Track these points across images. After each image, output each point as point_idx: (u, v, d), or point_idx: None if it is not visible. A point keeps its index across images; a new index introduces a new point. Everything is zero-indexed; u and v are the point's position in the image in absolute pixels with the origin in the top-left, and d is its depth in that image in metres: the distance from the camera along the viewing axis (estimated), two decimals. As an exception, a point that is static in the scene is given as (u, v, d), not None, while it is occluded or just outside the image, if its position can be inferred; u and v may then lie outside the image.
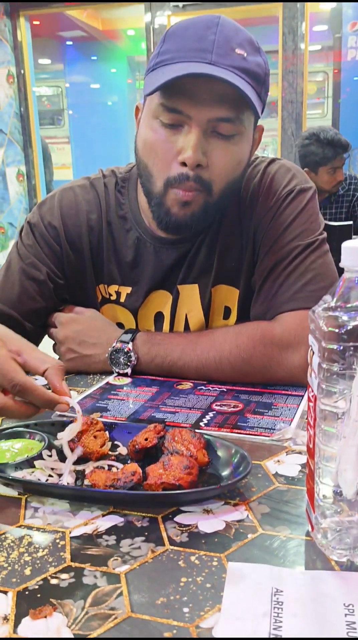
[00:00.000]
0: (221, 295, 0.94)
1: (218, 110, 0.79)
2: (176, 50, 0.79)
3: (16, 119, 4.46)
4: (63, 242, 0.94)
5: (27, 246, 0.94)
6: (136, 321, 0.96)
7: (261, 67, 0.82)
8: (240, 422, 0.70)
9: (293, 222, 0.88)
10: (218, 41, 0.77)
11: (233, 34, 0.79)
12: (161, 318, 0.96)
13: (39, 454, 0.60)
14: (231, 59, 0.77)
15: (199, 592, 0.43)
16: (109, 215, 0.96)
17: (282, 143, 4.04)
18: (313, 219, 0.89)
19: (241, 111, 0.80)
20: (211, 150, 0.81)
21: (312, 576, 0.45)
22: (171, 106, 0.80)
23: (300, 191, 0.89)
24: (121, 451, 0.63)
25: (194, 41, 0.78)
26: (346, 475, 0.46)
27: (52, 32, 5.82)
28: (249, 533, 0.50)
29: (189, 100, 0.78)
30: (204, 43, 0.77)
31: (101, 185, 0.97)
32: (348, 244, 0.43)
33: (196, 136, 0.79)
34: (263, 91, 0.83)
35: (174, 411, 0.75)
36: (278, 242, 0.88)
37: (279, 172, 0.91)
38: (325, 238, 0.90)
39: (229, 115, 0.79)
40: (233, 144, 0.82)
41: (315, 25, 4.98)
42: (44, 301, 0.94)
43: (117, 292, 0.96)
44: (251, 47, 0.81)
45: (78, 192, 0.96)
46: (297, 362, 0.80)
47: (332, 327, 0.43)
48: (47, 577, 0.45)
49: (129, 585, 0.44)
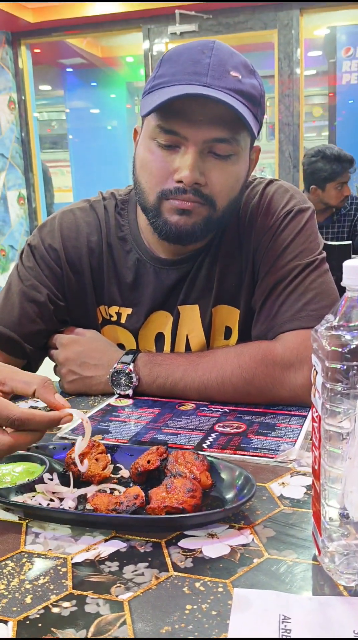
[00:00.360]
0: (222, 316, 0.94)
1: (214, 131, 0.80)
2: (171, 74, 0.80)
3: (17, 144, 4.52)
4: (63, 264, 0.94)
5: (28, 268, 0.95)
6: (137, 342, 0.96)
7: (256, 89, 0.83)
8: (243, 444, 0.70)
9: (293, 242, 0.88)
10: (212, 64, 0.79)
11: (228, 58, 0.81)
12: (162, 339, 0.96)
13: (40, 477, 0.59)
14: (226, 81, 0.79)
15: (204, 619, 0.42)
16: (109, 237, 0.96)
17: (280, 164, 4.09)
18: (312, 239, 0.90)
19: (237, 132, 0.81)
20: (208, 170, 0.82)
21: (320, 602, 0.44)
22: (167, 127, 0.81)
23: (298, 211, 0.90)
24: (123, 474, 0.62)
25: (189, 65, 0.80)
26: (352, 497, 0.45)
27: (52, 60, 5.94)
28: (255, 558, 0.48)
29: (185, 121, 0.80)
30: (199, 66, 0.79)
31: (100, 207, 0.98)
32: (349, 263, 0.43)
33: (192, 156, 0.80)
34: (259, 112, 0.84)
35: (176, 433, 0.74)
36: (277, 262, 0.88)
37: (277, 192, 0.92)
38: (324, 257, 0.90)
39: (225, 135, 0.80)
40: (229, 164, 0.83)
41: (309, 51, 5.09)
42: (44, 323, 0.94)
43: (117, 313, 0.96)
44: (246, 70, 0.83)
45: (78, 215, 0.97)
46: (300, 381, 0.79)
47: (335, 347, 0.43)
48: (49, 605, 0.44)
49: (132, 614, 0.43)
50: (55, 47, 5.33)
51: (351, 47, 4.57)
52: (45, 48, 5.12)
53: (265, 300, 0.88)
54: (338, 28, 4.69)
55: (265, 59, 4.43)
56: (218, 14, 4.03)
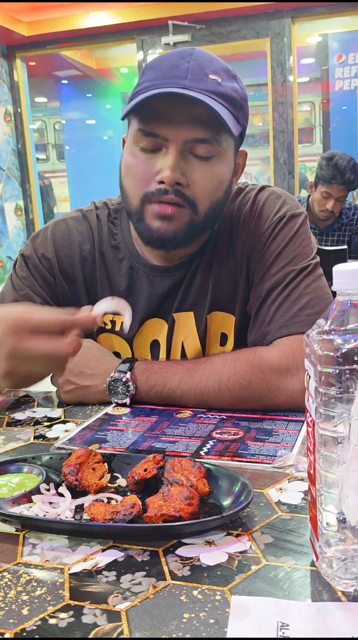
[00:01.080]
0: (217, 322, 0.94)
1: (194, 132, 0.81)
2: (152, 79, 0.82)
3: (14, 156, 4.55)
4: (57, 273, 0.95)
5: (21, 278, 0.95)
6: (132, 350, 0.96)
7: (237, 92, 0.84)
8: (241, 450, 0.70)
9: (286, 247, 0.89)
10: (191, 68, 0.80)
11: (208, 62, 0.82)
12: (157, 346, 0.96)
13: (36, 488, 0.59)
14: (205, 84, 0.80)
15: (202, 628, 0.42)
16: (102, 246, 0.97)
17: (275, 171, 4.11)
18: (305, 244, 0.90)
19: (217, 132, 0.82)
20: (190, 170, 0.83)
21: (318, 608, 0.43)
22: (147, 130, 0.82)
23: (291, 217, 0.91)
24: (120, 483, 0.62)
25: (169, 70, 0.81)
26: (349, 501, 0.45)
27: (47, 72, 5.99)
28: (252, 564, 0.48)
29: (165, 123, 0.81)
30: (178, 71, 0.80)
31: (93, 216, 0.99)
32: (339, 268, 0.44)
33: (173, 157, 0.81)
34: (241, 115, 0.85)
35: (174, 440, 0.74)
36: (271, 268, 0.88)
37: (270, 199, 0.93)
38: (318, 262, 0.90)
39: (205, 136, 0.81)
40: (211, 166, 0.84)
41: (302, 59, 5.14)
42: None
43: (112, 321, 0.97)
44: (227, 74, 0.84)
45: (71, 224, 0.98)
46: (296, 386, 0.79)
47: (327, 351, 0.43)
48: (46, 616, 0.44)
49: (130, 623, 0.42)
50: (50, 60, 5.37)
51: (343, 54, 4.61)
52: (40, 61, 5.16)
53: (260, 306, 0.88)
54: (330, 35, 4.74)
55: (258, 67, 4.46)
56: (211, 24, 4.06)
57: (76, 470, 0.61)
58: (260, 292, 0.88)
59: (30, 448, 0.75)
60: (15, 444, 0.76)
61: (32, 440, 0.77)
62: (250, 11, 3.95)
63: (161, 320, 0.95)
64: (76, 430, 0.79)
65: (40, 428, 0.82)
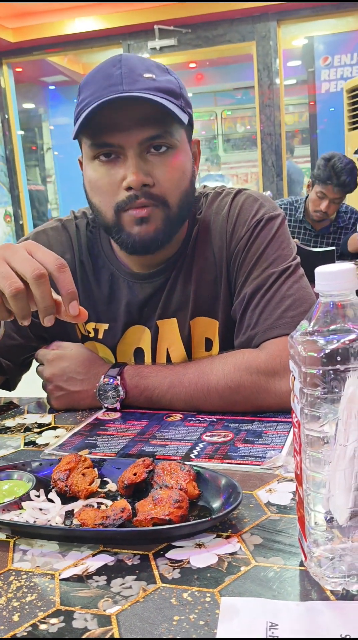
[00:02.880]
0: (201, 328, 0.95)
1: (145, 131, 0.82)
2: (90, 95, 0.82)
3: (2, 162, 4.54)
4: None
5: None
6: (115, 358, 0.97)
7: (173, 82, 0.85)
8: (231, 452, 0.70)
9: (266, 250, 0.89)
10: (124, 73, 0.81)
11: (139, 63, 0.83)
12: (141, 354, 0.96)
13: (26, 494, 0.59)
14: (141, 84, 0.81)
15: (192, 630, 0.42)
16: (82, 255, 0.97)
17: (263, 174, 4.13)
18: (284, 245, 0.90)
19: (167, 125, 0.83)
20: (153, 169, 0.83)
21: (307, 607, 0.44)
22: (100, 142, 0.83)
23: (268, 219, 0.91)
24: (110, 488, 0.62)
25: (103, 80, 0.82)
26: (336, 500, 0.45)
27: (34, 78, 5.99)
28: (242, 566, 0.49)
29: (114, 131, 0.81)
30: (112, 79, 0.81)
31: (72, 226, 0.99)
32: (321, 269, 0.44)
33: (133, 161, 0.82)
34: (183, 103, 0.86)
35: (164, 444, 0.74)
36: (252, 272, 0.89)
37: (246, 202, 0.93)
38: (298, 263, 0.91)
39: (157, 132, 0.82)
40: (170, 158, 0.85)
41: (288, 61, 5.17)
42: (21, 339, 0.95)
43: (95, 329, 0.97)
44: (159, 70, 0.85)
45: (50, 234, 0.98)
46: (284, 388, 0.80)
47: (311, 352, 0.44)
48: (36, 622, 0.44)
49: (120, 627, 0.43)
50: (37, 66, 5.37)
51: (329, 56, 4.66)
52: (27, 67, 5.16)
53: (244, 310, 0.89)
54: (315, 38, 4.78)
55: (245, 70, 4.49)
56: (197, 28, 4.09)
57: (66, 476, 0.61)
58: (243, 297, 0.89)
59: (20, 455, 0.75)
60: (5, 450, 0.76)
61: (22, 447, 0.77)
62: (235, 15, 3.98)
63: (143, 327, 0.95)
64: (66, 436, 0.79)
65: (30, 434, 0.82)
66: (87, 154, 0.86)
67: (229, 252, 0.91)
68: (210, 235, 0.93)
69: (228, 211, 0.93)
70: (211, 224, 0.93)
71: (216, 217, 0.93)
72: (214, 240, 0.93)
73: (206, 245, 0.93)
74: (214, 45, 4.12)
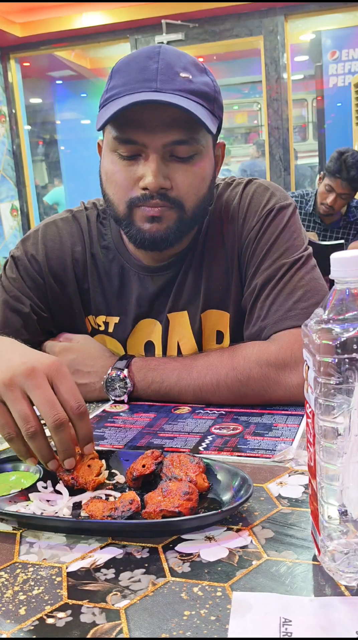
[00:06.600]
0: (212, 320, 0.93)
1: (171, 135, 0.80)
2: (122, 84, 0.81)
3: (9, 156, 4.53)
4: (46, 275, 0.94)
5: (11, 279, 0.94)
6: (126, 351, 0.96)
7: (209, 85, 0.83)
8: (240, 445, 0.69)
9: (277, 240, 0.88)
10: (160, 69, 0.79)
11: (176, 60, 0.81)
12: (152, 347, 0.95)
13: (34, 485, 0.58)
14: (176, 84, 0.79)
15: (203, 625, 0.41)
16: (93, 247, 0.96)
17: (271, 167, 4.11)
18: (296, 235, 0.89)
19: (194, 131, 0.81)
20: (173, 173, 0.82)
21: (321, 603, 0.43)
22: (124, 138, 0.81)
23: (279, 209, 0.90)
24: (118, 479, 0.61)
25: (137, 73, 0.80)
26: (350, 493, 0.44)
27: (42, 73, 5.97)
28: (253, 560, 0.47)
29: (141, 129, 0.79)
30: (147, 73, 0.79)
31: (83, 217, 0.98)
32: (336, 255, 0.43)
33: (154, 162, 0.80)
34: (216, 108, 0.84)
35: (172, 436, 0.73)
36: (264, 262, 0.87)
37: (257, 191, 0.92)
38: (310, 253, 0.89)
39: (183, 137, 0.80)
40: (192, 165, 0.83)
41: (296, 56, 5.13)
42: (28, 334, 0.93)
43: (105, 322, 0.96)
44: (196, 69, 0.82)
45: (61, 226, 0.97)
46: (295, 381, 0.79)
47: (326, 340, 0.42)
48: (43, 616, 0.43)
49: (129, 622, 0.42)
50: (44, 60, 5.36)
51: (337, 50, 4.61)
52: (34, 61, 5.15)
53: (255, 301, 0.87)
54: (323, 32, 4.73)
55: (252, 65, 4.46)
56: (204, 23, 4.06)
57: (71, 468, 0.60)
58: (253, 287, 0.88)
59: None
60: (12, 443, 0.75)
61: (29, 439, 0.76)
62: (243, 9, 3.95)
63: (154, 321, 0.94)
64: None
65: (37, 427, 0.81)
66: (108, 144, 0.85)
67: (240, 243, 0.90)
68: (221, 227, 0.92)
69: (239, 201, 0.91)
70: (222, 215, 0.92)
71: (227, 207, 0.92)
72: (225, 231, 0.92)
73: (217, 237, 0.92)
74: (222, 39, 4.08)
